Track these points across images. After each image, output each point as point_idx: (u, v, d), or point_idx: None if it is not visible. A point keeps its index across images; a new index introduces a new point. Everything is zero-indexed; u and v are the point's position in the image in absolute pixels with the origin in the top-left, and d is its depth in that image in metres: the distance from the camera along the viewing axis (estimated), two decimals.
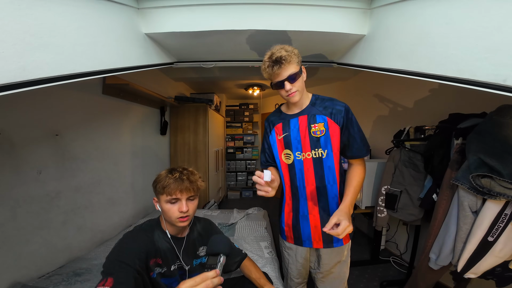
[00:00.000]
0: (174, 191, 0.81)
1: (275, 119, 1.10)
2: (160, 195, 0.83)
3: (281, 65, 0.86)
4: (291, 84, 0.90)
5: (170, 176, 0.83)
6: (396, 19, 0.95)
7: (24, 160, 1.16)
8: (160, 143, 2.71)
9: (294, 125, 1.02)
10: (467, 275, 1.06)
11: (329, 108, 0.98)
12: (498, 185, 0.88)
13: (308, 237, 1.04)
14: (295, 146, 1.02)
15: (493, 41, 0.61)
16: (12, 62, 0.56)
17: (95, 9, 0.82)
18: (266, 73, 0.92)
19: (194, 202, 0.88)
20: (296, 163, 1.03)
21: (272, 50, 0.90)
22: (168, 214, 0.83)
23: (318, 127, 0.98)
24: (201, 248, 0.97)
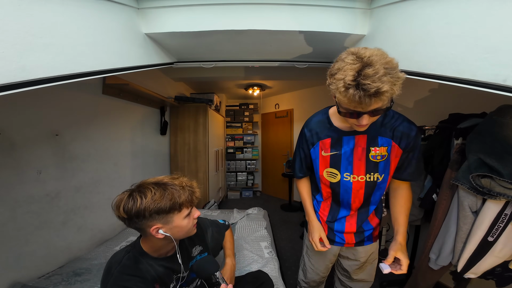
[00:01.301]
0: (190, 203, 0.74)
1: (322, 131, 0.91)
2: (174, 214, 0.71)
3: (373, 99, 0.59)
4: (371, 118, 0.68)
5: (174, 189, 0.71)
6: (396, 19, 0.95)
7: (24, 160, 1.16)
8: (160, 143, 2.71)
9: (348, 144, 0.86)
10: (467, 275, 1.06)
11: (397, 130, 0.81)
12: (498, 185, 0.88)
13: (341, 239, 1.01)
14: (344, 167, 0.88)
15: (493, 41, 0.61)
16: (12, 62, 0.56)
17: (95, 9, 0.82)
18: (341, 95, 0.63)
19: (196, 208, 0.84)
20: (342, 184, 0.91)
21: (365, 69, 0.57)
22: (187, 228, 0.75)
23: (380, 152, 0.83)
24: (193, 249, 0.92)
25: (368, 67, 0.57)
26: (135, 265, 0.73)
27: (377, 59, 0.58)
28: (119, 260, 0.73)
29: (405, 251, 0.84)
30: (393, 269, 0.82)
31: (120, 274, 0.70)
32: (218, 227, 1.10)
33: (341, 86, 0.60)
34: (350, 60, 0.60)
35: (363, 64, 0.58)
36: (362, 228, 0.99)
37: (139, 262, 0.74)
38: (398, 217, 0.90)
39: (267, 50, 1.40)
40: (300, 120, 4.03)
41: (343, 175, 0.90)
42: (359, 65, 0.58)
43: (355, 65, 0.58)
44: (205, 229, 1.01)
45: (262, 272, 1.11)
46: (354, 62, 0.59)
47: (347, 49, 0.65)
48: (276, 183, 4.45)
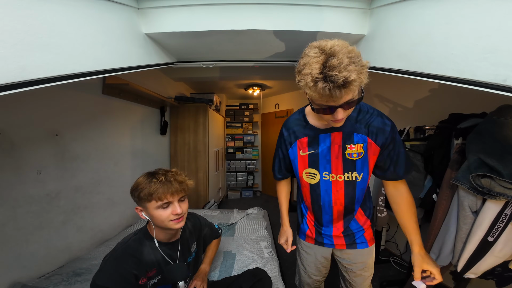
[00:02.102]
0: (165, 195, 0.76)
1: (299, 130, 0.90)
2: (146, 203, 0.77)
3: (343, 90, 0.57)
4: (345, 112, 0.67)
5: (155, 181, 0.76)
6: (396, 19, 0.95)
7: (24, 160, 1.16)
8: (160, 143, 2.71)
9: (324, 142, 0.85)
10: (467, 275, 1.06)
11: (372, 126, 0.79)
12: (498, 185, 0.88)
13: (330, 241, 0.99)
14: (323, 166, 0.87)
15: (493, 41, 0.61)
16: (12, 62, 0.56)
17: (95, 9, 0.82)
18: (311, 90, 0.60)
19: (186, 202, 0.86)
20: (322, 184, 0.90)
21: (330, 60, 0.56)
22: (160, 219, 0.78)
23: (355, 149, 0.81)
24: (192, 244, 0.98)
25: (332, 58, 0.56)
26: (138, 247, 0.81)
27: (339, 49, 0.57)
28: (126, 240, 0.83)
29: (429, 259, 0.79)
30: (427, 282, 0.77)
31: (122, 252, 0.78)
32: (211, 230, 1.15)
33: (310, 81, 0.58)
34: (314, 53, 0.59)
35: (326, 55, 0.57)
36: (350, 230, 0.96)
37: (143, 244, 0.82)
38: (407, 224, 0.85)
39: (267, 50, 1.40)
40: None
41: (322, 175, 0.88)
42: (323, 57, 0.57)
43: (319, 57, 0.57)
44: (203, 226, 1.08)
45: (259, 269, 1.12)
46: (318, 54, 0.58)
47: (310, 43, 0.64)
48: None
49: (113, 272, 0.74)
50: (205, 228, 1.10)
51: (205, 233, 1.09)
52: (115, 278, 0.73)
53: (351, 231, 0.96)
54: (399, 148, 0.82)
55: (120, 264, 0.75)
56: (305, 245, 1.08)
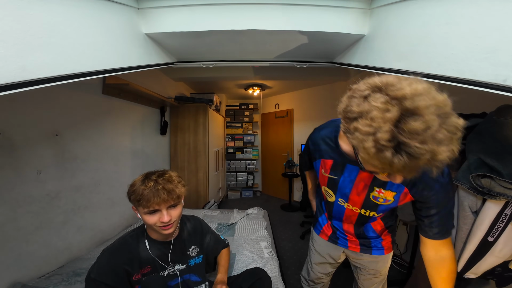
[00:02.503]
0: (151, 203, 0.73)
1: (326, 150, 0.78)
2: (136, 206, 0.78)
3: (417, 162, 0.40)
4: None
5: (144, 187, 0.74)
6: (396, 19, 0.95)
7: (24, 160, 1.16)
8: (160, 143, 2.71)
9: (349, 174, 0.74)
10: (467, 275, 1.05)
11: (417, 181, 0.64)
12: (498, 185, 0.88)
13: (344, 242, 0.97)
14: (340, 194, 0.81)
15: (493, 41, 0.61)
16: (12, 62, 0.56)
17: (95, 9, 0.82)
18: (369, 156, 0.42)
19: (177, 209, 0.81)
20: (336, 206, 0.87)
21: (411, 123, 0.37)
22: (148, 223, 0.78)
23: (384, 195, 0.70)
24: (191, 248, 0.95)
25: (414, 118, 0.37)
26: (134, 243, 0.83)
27: (426, 102, 0.37)
28: (124, 236, 0.85)
29: None
30: None
31: (118, 247, 0.81)
32: (217, 240, 1.10)
33: (371, 146, 0.40)
34: (380, 102, 0.39)
35: (403, 110, 0.38)
36: (366, 236, 0.92)
37: (139, 241, 0.84)
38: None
39: (267, 50, 1.40)
40: (300, 120, 4.03)
41: (338, 199, 0.84)
42: (397, 113, 0.38)
43: (389, 112, 0.38)
44: (205, 232, 1.05)
45: (259, 268, 1.11)
46: (387, 106, 0.39)
47: (367, 79, 0.45)
48: (276, 183, 4.45)
49: (106, 265, 0.77)
50: (207, 234, 1.05)
51: (208, 241, 1.04)
52: (106, 272, 0.76)
53: (367, 237, 0.93)
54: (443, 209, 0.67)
55: (113, 258, 0.78)
56: (318, 239, 1.07)
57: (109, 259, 0.78)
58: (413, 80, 0.41)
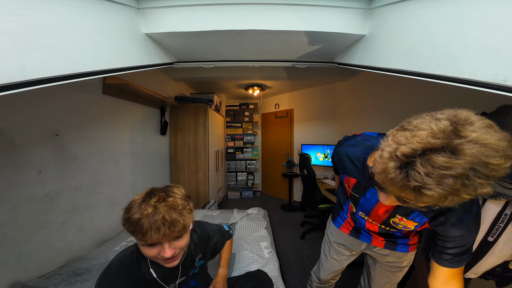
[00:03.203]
0: (149, 236, 0.58)
1: (351, 169, 0.76)
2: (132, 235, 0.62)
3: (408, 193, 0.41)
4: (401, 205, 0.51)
5: (139, 215, 0.58)
6: (396, 19, 0.95)
7: (24, 160, 1.16)
8: (160, 143, 2.71)
9: (371, 196, 0.73)
10: (467, 275, 1.05)
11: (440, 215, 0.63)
12: (498, 185, 0.88)
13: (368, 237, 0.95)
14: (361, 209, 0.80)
15: (493, 41, 0.61)
16: (12, 62, 0.56)
17: (95, 9, 0.82)
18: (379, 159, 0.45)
19: (183, 240, 0.67)
20: (358, 217, 0.88)
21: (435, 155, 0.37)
22: (147, 256, 0.64)
23: (405, 223, 0.69)
24: (197, 257, 0.87)
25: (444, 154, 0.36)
26: (135, 267, 0.71)
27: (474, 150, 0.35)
28: (122, 259, 0.72)
29: None
30: None
31: (118, 273, 0.68)
32: (222, 235, 1.05)
33: (386, 152, 0.42)
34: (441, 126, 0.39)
35: (446, 143, 0.37)
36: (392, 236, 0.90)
37: (141, 264, 0.72)
38: None
39: (267, 50, 1.40)
40: (300, 120, 4.03)
41: (358, 212, 0.84)
42: (440, 142, 0.37)
43: (435, 138, 0.38)
44: (211, 236, 0.96)
45: (261, 271, 1.11)
46: (439, 133, 0.38)
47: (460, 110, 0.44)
48: (276, 183, 4.45)
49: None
50: (214, 236, 0.98)
51: (215, 242, 0.98)
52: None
53: (393, 237, 0.91)
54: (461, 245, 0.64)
55: (116, 284, 0.67)
56: (337, 232, 1.03)
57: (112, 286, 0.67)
58: (495, 134, 0.37)
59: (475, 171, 0.35)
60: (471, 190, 0.36)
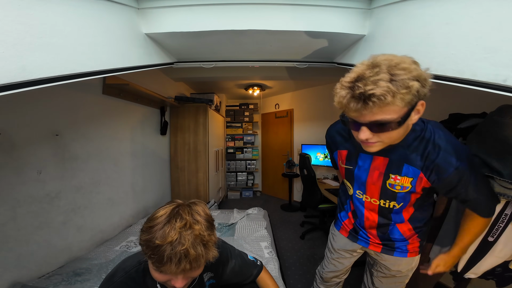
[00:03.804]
0: (165, 269, 0.52)
1: (340, 141, 0.84)
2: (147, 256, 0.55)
3: (365, 106, 0.51)
4: (373, 134, 0.57)
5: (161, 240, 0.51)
6: (396, 19, 0.95)
7: (24, 160, 1.16)
8: (160, 143, 2.71)
9: (363, 163, 0.77)
10: (467, 275, 1.05)
11: (429, 160, 0.65)
12: (498, 185, 0.87)
13: (366, 240, 0.93)
14: (357, 185, 0.82)
15: (493, 41, 0.61)
16: (12, 62, 0.56)
17: (95, 9, 0.82)
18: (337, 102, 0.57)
19: (198, 271, 0.60)
20: (354, 199, 0.86)
21: (364, 70, 0.52)
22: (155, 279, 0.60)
23: (401, 182, 0.70)
24: (205, 274, 0.79)
25: (370, 70, 0.51)
26: (141, 279, 0.67)
27: (386, 62, 0.51)
28: (127, 269, 0.67)
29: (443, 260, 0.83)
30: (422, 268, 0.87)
31: (122, 284, 0.64)
32: (244, 261, 0.89)
33: (338, 87, 0.56)
34: (360, 63, 0.55)
35: (368, 66, 0.52)
36: (390, 239, 0.87)
37: (147, 276, 0.66)
38: (459, 233, 0.81)
39: (267, 50, 1.40)
40: (300, 120, 4.03)
41: (356, 192, 0.84)
42: (365, 67, 0.52)
43: (361, 67, 0.53)
44: (226, 259, 0.84)
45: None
46: (363, 64, 0.54)
47: None
48: (276, 183, 4.45)
49: None
50: (231, 261, 0.86)
51: (232, 266, 0.85)
52: None
53: (391, 240, 0.88)
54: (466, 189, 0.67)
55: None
56: (337, 236, 1.04)
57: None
58: (399, 56, 0.54)
59: (393, 71, 0.50)
60: (403, 88, 0.50)
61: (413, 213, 0.82)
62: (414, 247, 0.88)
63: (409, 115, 0.56)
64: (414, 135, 0.67)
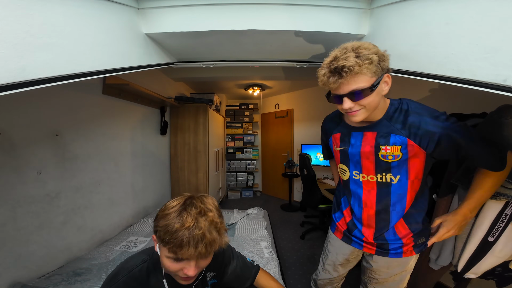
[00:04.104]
0: (181, 252, 0.55)
1: (332, 126, 0.94)
2: (160, 243, 0.59)
3: (341, 78, 0.65)
4: (353, 102, 0.69)
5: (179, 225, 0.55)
6: (396, 19, 0.95)
7: (24, 160, 1.16)
8: (160, 143, 2.71)
9: (355, 140, 0.83)
10: (467, 275, 1.05)
11: (414, 127, 0.73)
12: None
13: (359, 242, 0.93)
14: (353, 164, 0.85)
15: (493, 41, 0.61)
16: (12, 62, 0.56)
17: (95, 9, 0.82)
18: (320, 81, 0.70)
19: (208, 259, 0.63)
20: (351, 183, 0.88)
21: (336, 53, 0.67)
22: (167, 269, 0.61)
23: (391, 151, 0.76)
24: (207, 273, 0.80)
25: (339, 52, 0.67)
26: (145, 278, 0.67)
27: (351, 45, 0.67)
28: (130, 268, 0.67)
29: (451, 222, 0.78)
30: None
31: (125, 284, 0.65)
32: (244, 263, 0.92)
33: (319, 70, 0.70)
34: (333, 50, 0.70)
35: (336, 53, 0.68)
36: (385, 239, 0.87)
37: (150, 276, 0.68)
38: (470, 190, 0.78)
39: (267, 50, 1.40)
40: (300, 120, 4.03)
41: (352, 173, 0.87)
42: (337, 51, 0.68)
43: (334, 52, 0.69)
44: (228, 259, 0.87)
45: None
46: (334, 50, 0.69)
47: None
48: (276, 183, 4.45)
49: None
50: (232, 262, 0.88)
51: (234, 267, 0.87)
52: None
53: (386, 241, 0.87)
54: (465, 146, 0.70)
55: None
56: (332, 238, 1.04)
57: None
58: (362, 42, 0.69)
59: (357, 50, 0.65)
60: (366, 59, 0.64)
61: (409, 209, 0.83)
62: (409, 247, 0.87)
63: (378, 84, 0.68)
64: (393, 108, 0.78)
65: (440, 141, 0.71)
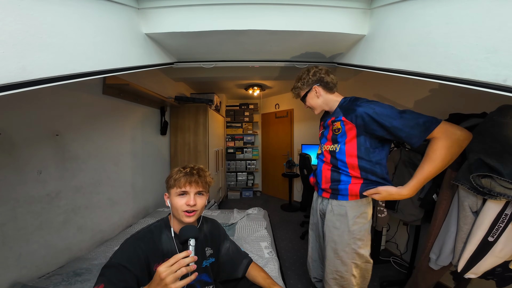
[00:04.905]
0: (184, 183, 0.83)
1: (322, 118, 1.32)
2: (171, 189, 0.85)
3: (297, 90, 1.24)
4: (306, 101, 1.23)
5: (181, 170, 0.86)
6: (396, 19, 0.95)
7: (24, 160, 1.16)
8: (160, 143, 2.71)
9: (325, 123, 1.20)
10: (468, 275, 1.05)
11: (349, 109, 1.05)
12: (498, 185, 0.88)
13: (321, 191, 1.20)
14: (324, 140, 1.20)
15: (493, 41, 0.61)
16: (12, 62, 0.56)
17: (95, 9, 0.82)
18: None
19: (203, 198, 0.88)
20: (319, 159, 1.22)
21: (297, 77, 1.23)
22: (176, 207, 0.84)
23: (335, 126, 1.09)
24: (206, 249, 0.96)
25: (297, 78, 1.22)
26: (158, 233, 0.86)
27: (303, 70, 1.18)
28: (149, 226, 0.89)
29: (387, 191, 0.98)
30: None
31: (143, 235, 0.84)
32: (237, 248, 1.08)
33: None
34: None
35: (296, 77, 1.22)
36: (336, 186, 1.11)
37: (162, 232, 0.87)
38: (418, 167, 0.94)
39: (267, 50, 1.40)
40: (300, 120, 4.03)
41: (323, 145, 1.20)
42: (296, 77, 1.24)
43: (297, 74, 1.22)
44: (223, 239, 1.05)
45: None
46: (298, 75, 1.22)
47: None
48: (276, 183, 4.46)
49: (130, 251, 0.77)
50: (225, 241, 1.05)
51: (228, 247, 1.04)
52: (130, 257, 0.76)
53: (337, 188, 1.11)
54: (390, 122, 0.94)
55: (138, 245, 0.80)
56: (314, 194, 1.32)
57: (134, 245, 0.79)
58: None
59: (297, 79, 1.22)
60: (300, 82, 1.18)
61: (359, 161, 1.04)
62: (355, 190, 1.05)
63: (309, 91, 1.18)
64: (344, 100, 1.12)
65: (365, 116, 0.97)
